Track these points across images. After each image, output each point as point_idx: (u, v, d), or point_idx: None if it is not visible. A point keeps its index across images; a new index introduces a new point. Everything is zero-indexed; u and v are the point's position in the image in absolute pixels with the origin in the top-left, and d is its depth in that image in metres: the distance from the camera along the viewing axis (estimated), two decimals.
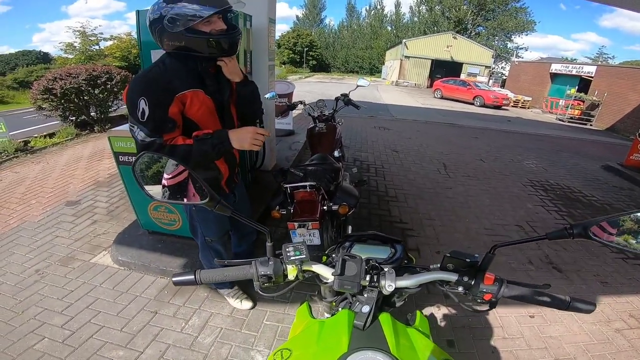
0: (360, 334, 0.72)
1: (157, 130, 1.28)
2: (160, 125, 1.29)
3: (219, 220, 1.79)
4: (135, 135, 1.30)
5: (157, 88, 1.29)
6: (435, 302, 2.33)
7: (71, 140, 6.15)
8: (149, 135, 1.28)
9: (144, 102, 1.25)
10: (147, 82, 1.31)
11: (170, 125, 1.31)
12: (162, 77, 1.32)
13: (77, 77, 6.16)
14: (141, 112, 1.25)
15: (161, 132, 1.29)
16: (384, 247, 0.98)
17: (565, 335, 2.15)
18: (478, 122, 11.01)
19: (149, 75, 1.34)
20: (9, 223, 3.13)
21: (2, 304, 2.16)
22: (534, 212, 3.99)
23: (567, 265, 2.93)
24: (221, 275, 0.83)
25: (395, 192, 4.20)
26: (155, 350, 1.87)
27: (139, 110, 1.25)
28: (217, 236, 1.85)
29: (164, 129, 1.30)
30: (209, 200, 0.81)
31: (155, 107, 1.26)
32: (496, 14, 37.79)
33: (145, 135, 1.28)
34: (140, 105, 1.25)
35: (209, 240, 1.86)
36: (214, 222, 1.78)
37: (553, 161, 6.54)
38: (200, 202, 0.82)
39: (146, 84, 1.31)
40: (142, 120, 1.26)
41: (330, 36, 57.12)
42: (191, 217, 1.82)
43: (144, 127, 1.27)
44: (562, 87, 17.19)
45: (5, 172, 4.49)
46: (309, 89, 16.91)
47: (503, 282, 0.78)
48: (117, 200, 3.63)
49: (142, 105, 1.25)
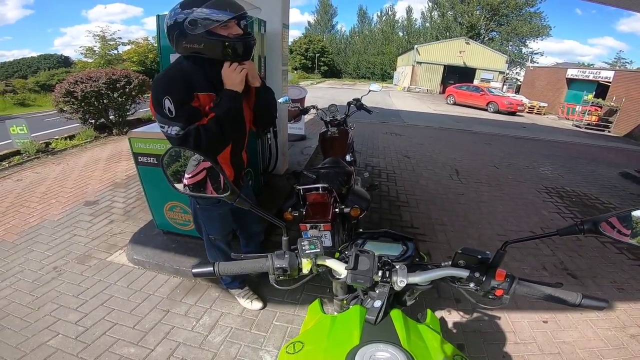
0: (372, 328, 0.74)
1: (189, 122, 1.35)
2: (191, 117, 1.36)
3: (222, 220, 1.84)
4: (169, 133, 1.36)
5: (178, 85, 1.36)
6: (447, 307, 2.31)
7: (90, 143, 6.34)
8: (182, 127, 1.34)
9: (169, 100, 1.32)
10: (168, 82, 1.38)
11: (199, 115, 1.39)
12: (181, 76, 1.39)
13: (97, 80, 6.37)
14: (167, 110, 1.32)
15: (193, 121, 1.36)
16: (396, 244, 0.99)
17: (579, 340, 2.11)
18: (492, 129, 10.89)
19: (169, 75, 1.41)
20: (29, 221, 3.24)
21: (19, 300, 2.22)
22: (549, 219, 3.92)
23: (582, 271, 2.87)
24: (239, 268, 0.85)
25: (407, 198, 4.18)
26: (166, 348, 1.90)
27: (165, 109, 1.32)
28: (221, 234, 1.91)
29: (195, 119, 1.37)
30: (229, 194, 0.84)
31: (179, 103, 1.34)
32: (510, 19, 37.35)
33: (179, 128, 1.34)
34: (165, 105, 1.32)
35: (213, 238, 1.92)
36: (217, 220, 1.83)
37: (569, 168, 6.42)
38: (222, 195, 0.85)
39: (167, 83, 1.37)
40: (171, 116, 1.33)
41: (341, 42, 57.45)
42: (195, 215, 1.88)
43: (176, 123, 1.34)
44: (579, 93, 16.84)
45: (26, 172, 4.65)
46: (320, 95, 17.01)
47: (515, 278, 0.78)
48: (134, 200, 3.72)
49: (167, 104, 1.32)
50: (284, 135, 4.23)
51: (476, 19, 37.58)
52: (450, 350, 0.77)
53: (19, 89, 20.03)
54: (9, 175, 4.48)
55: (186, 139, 1.35)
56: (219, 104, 1.41)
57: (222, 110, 1.40)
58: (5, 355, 1.80)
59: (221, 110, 1.40)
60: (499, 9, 36.27)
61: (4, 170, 4.65)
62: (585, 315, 2.30)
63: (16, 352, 1.82)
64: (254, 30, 2.97)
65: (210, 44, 1.36)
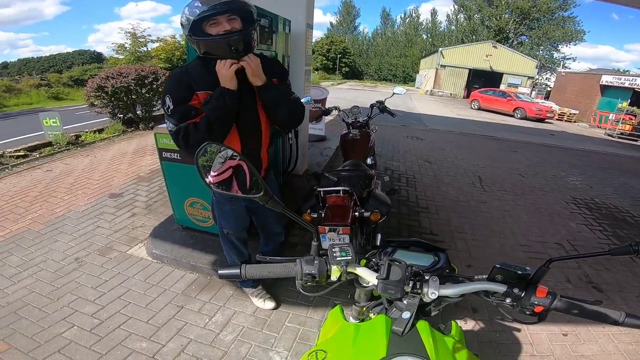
0: (399, 339, 0.71)
1: (182, 120, 1.43)
2: (184, 115, 1.43)
3: (235, 216, 1.85)
4: (168, 127, 1.47)
5: (178, 86, 1.45)
6: (463, 316, 2.25)
7: (118, 136, 6.56)
8: (175, 124, 1.43)
9: (169, 99, 1.43)
10: (170, 82, 1.50)
11: (193, 113, 1.43)
12: (181, 77, 1.46)
13: (127, 76, 6.59)
14: (167, 107, 1.44)
15: (186, 120, 1.42)
16: (427, 254, 0.97)
17: (599, 355, 2.02)
18: (518, 135, 10.53)
19: (171, 76, 1.53)
20: (56, 211, 3.36)
21: (39, 290, 2.28)
22: (576, 231, 3.74)
23: (608, 285, 2.75)
24: (266, 271, 0.84)
25: (427, 204, 4.09)
26: (177, 344, 1.91)
27: (166, 105, 1.44)
28: (233, 229, 1.92)
29: (188, 117, 1.43)
30: (262, 195, 0.82)
31: (178, 102, 1.42)
32: (541, 22, 36.00)
33: (173, 125, 1.44)
34: (166, 102, 1.43)
35: (226, 232, 1.94)
36: (230, 215, 1.85)
37: (599, 179, 6.11)
38: (255, 196, 0.83)
39: (169, 83, 1.49)
40: (169, 113, 1.44)
41: (363, 43, 57.15)
42: (213, 208, 1.92)
43: (172, 119, 1.44)
44: (613, 100, 16.07)
45: (56, 162, 4.85)
46: (341, 96, 16.97)
47: (556, 295, 0.76)
48: (156, 195, 3.80)
49: (167, 102, 1.43)
50: (304, 136, 4.22)
51: (504, 22, 36.45)
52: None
53: (53, 83, 21.00)
54: (39, 166, 4.68)
55: (177, 135, 1.43)
56: (208, 102, 1.43)
57: (208, 108, 1.42)
58: (20, 346, 1.83)
59: (208, 108, 1.42)
60: (529, 12, 35.03)
61: (35, 161, 4.87)
62: (607, 329, 2.20)
63: (31, 343, 1.86)
64: (278, 29, 2.98)
65: (197, 44, 1.40)
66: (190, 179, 2.51)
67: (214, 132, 1.43)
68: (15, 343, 1.85)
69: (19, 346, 1.83)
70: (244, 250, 2.04)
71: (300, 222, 0.87)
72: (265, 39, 2.71)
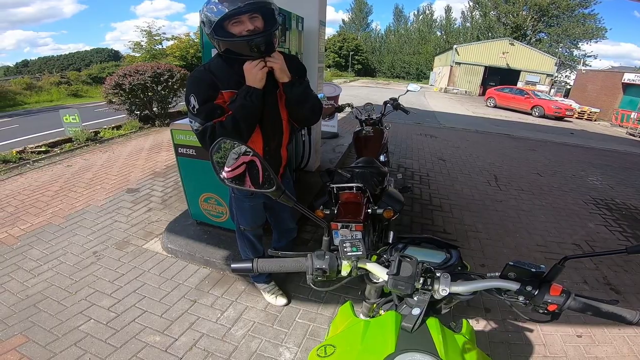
0: (408, 336, 0.71)
1: (207, 119, 1.42)
2: (210, 114, 1.43)
3: (253, 212, 1.87)
4: (193, 127, 1.46)
5: (202, 85, 1.44)
6: (475, 315, 2.22)
7: (135, 133, 6.71)
8: (201, 124, 1.42)
9: (194, 98, 1.42)
10: (195, 81, 1.46)
11: (219, 112, 1.44)
12: (205, 76, 1.45)
13: (144, 74, 6.72)
14: (192, 106, 1.43)
15: (212, 119, 1.42)
16: (439, 251, 0.96)
17: (613, 356, 1.97)
18: (536, 134, 10.26)
19: (195, 75, 1.48)
20: (75, 206, 3.46)
21: (58, 283, 2.34)
22: (595, 232, 3.63)
23: (626, 287, 2.67)
24: (277, 266, 0.85)
25: (440, 202, 4.04)
26: (189, 338, 1.94)
27: (191, 105, 1.43)
28: (250, 226, 1.93)
29: (213, 116, 1.43)
30: (275, 190, 0.83)
31: (203, 101, 1.42)
32: (560, 20, 34.94)
33: (199, 125, 1.43)
34: (191, 101, 1.43)
35: (242, 228, 1.95)
36: (248, 212, 1.86)
37: (621, 179, 5.91)
38: (267, 191, 0.84)
39: (193, 82, 1.46)
40: (194, 113, 1.43)
41: (376, 41, 56.75)
42: (231, 204, 1.94)
43: (197, 118, 1.43)
44: (636, 99, 15.53)
45: (76, 158, 5.00)
46: (354, 93, 16.88)
47: (570, 294, 0.74)
48: (171, 190, 3.87)
49: (192, 101, 1.42)
50: (317, 132, 4.22)
51: (522, 19, 35.51)
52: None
53: (73, 80, 21.55)
54: (60, 161, 4.83)
55: (204, 134, 1.43)
56: (234, 101, 1.43)
57: (235, 106, 1.42)
58: (37, 339, 1.89)
59: (234, 106, 1.42)
60: (548, 9, 34.01)
61: (56, 156, 5.03)
62: (622, 331, 2.14)
63: (48, 336, 1.91)
64: (292, 26, 2.98)
65: (223, 44, 1.38)
66: (205, 175, 2.54)
67: (241, 130, 1.44)
68: (34, 336, 1.90)
69: (37, 339, 1.88)
70: (259, 246, 2.06)
71: (311, 217, 0.87)
72: (278, 36, 2.71)
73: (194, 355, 1.84)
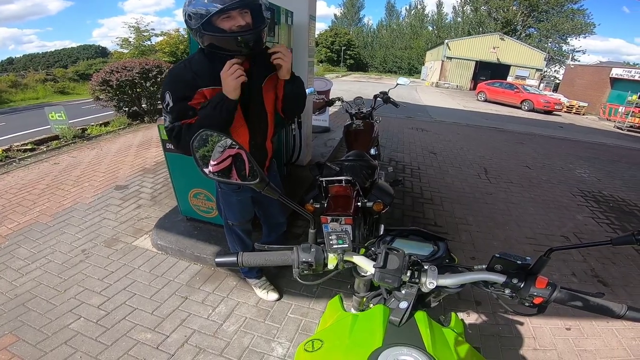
0: (396, 330, 0.71)
1: (178, 118, 1.40)
2: (182, 114, 1.40)
3: (241, 207, 1.85)
4: (165, 123, 1.44)
5: (179, 83, 1.40)
6: (466, 308, 2.24)
7: (123, 129, 6.59)
8: (171, 122, 1.40)
9: (169, 95, 1.39)
10: (172, 78, 1.43)
11: (190, 113, 1.40)
12: (184, 74, 1.41)
13: (132, 70, 6.60)
14: (166, 103, 1.40)
15: (182, 119, 1.40)
16: (426, 244, 0.95)
17: (602, 349, 2.01)
18: (525, 127, 10.38)
19: (174, 72, 1.46)
20: (63, 204, 3.39)
21: (47, 282, 2.30)
22: (583, 224, 3.70)
23: (614, 279, 2.72)
24: (263, 259, 0.83)
25: (431, 195, 4.07)
26: (181, 335, 1.92)
27: (165, 101, 1.40)
28: (238, 221, 1.92)
29: (185, 116, 1.40)
30: (258, 182, 0.81)
31: (177, 99, 1.38)
32: (550, 15, 35.23)
33: (169, 122, 1.41)
34: (166, 98, 1.39)
35: (231, 224, 1.94)
36: (236, 206, 1.84)
37: (608, 171, 6.02)
38: (250, 183, 0.82)
39: (171, 79, 1.43)
40: (167, 110, 1.41)
41: (368, 35, 56.66)
42: (217, 199, 1.91)
43: (169, 115, 1.41)
44: (623, 94, 15.74)
45: (63, 156, 4.90)
46: (346, 88, 16.83)
47: (556, 286, 0.74)
48: (161, 186, 3.83)
49: (167, 98, 1.39)
50: (308, 127, 4.20)
51: (512, 14, 35.72)
52: (476, 357, 0.73)
53: (59, 77, 21.14)
54: (47, 159, 4.73)
55: (171, 133, 1.42)
56: (204, 107, 1.39)
57: (203, 113, 1.38)
58: (28, 338, 1.86)
59: (202, 113, 1.38)
60: (538, 4, 34.26)
61: (42, 154, 4.92)
62: (611, 324, 2.18)
63: (38, 335, 1.88)
64: (281, 21, 2.95)
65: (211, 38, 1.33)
66: (194, 170, 2.48)
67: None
68: (24, 335, 1.88)
69: (27, 338, 1.86)
70: (248, 241, 2.05)
71: (297, 209, 0.85)
72: (267, 31, 2.69)
73: (186, 352, 1.83)
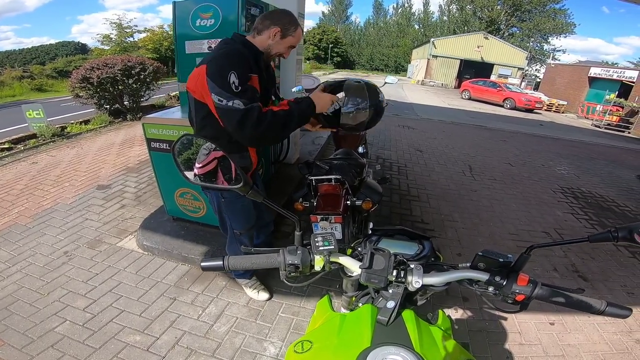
0: (384, 329, 0.71)
1: (252, 99, 1.34)
2: (252, 94, 1.37)
3: (245, 212, 1.82)
4: (232, 106, 1.32)
5: (244, 65, 1.39)
6: (454, 305, 2.28)
7: (105, 127, 6.42)
8: (245, 103, 1.32)
9: (234, 75, 1.32)
10: (236, 59, 1.38)
11: (257, 95, 1.41)
12: (243, 55, 1.42)
13: (113, 67, 6.42)
14: (233, 84, 1.32)
15: (253, 100, 1.35)
16: (412, 243, 0.96)
17: (585, 344, 2.08)
18: (508, 125, 10.64)
19: (233, 53, 1.41)
20: (43, 204, 3.29)
21: (29, 285, 2.24)
22: (563, 220, 3.82)
23: (594, 274, 2.81)
24: (249, 262, 0.82)
25: (418, 192, 4.12)
26: (171, 337, 1.90)
27: (231, 83, 1.31)
28: (244, 228, 1.88)
29: (254, 97, 1.37)
30: (242, 185, 0.80)
31: (243, 80, 1.34)
32: (532, 14, 36.14)
33: (242, 103, 1.32)
34: (231, 79, 1.31)
35: (238, 233, 1.89)
36: (242, 212, 1.80)
37: (586, 168, 6.23)
38: (235, 187, 0.81)
39: (235, 60, 1.37)
40: (237, 91, 1.32)
41: (355, 33, 56.82)
42: (219, 210, 1.85)
43: (240, 97, 1.32)
44: (601, 92, 16.33)
45: (42, 155, 4.74)
46: None
47: (537, 283, 0.75)
48: (145, 185, 3.75)
49: (232, 79, 1.31)
50: None
51: (497, 13, 36.46)
52: (463, 354, 0.74)
53: (36, 74, 20.40)
54: (24, 158, 4.57)
55: (247, 114, 1.32)
56: (299, 102, 1.45)
57: (298, 109, 1.43)
58: (13, 342, 1.81)
59: (297, 109, 1.43)
60: (521, 4, 35.05)
61: (19, 153, 4.74)
62: (592, 319, 2.26)
63: (24, 339, 1.83)
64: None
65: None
66: None
67: (289, 129, 1.45)
68: (9, 339, 1.82)
69: (12, 342, 1.80)
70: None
71: (281, 212, 0.85)
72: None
73: (177, 353, 1.80)
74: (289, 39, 1.51)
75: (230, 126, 1.35)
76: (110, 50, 24.69)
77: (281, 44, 1.51)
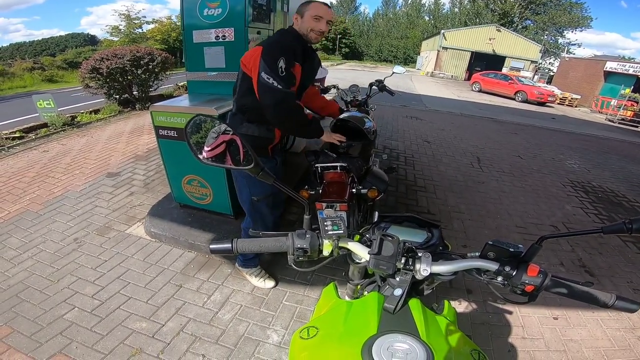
0: (390, 317, 0.71)
1: (289, 85, 1.59)
2: (291, 80, 1.61)
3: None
4: (275, 85, 1.54)
5: (290, 52, 1.60)
6: (458, 297, 2.27)
7: (114, 117, 6.49)
8: (285, 87, 1.55)
9: (283, 61, 1.55)
10: (285, 47, 1.61)
11: (294, 81, 1.64)
12: (292, 45, 1.64)
13: (122, 57, 6.46)
14: (280, 68, 1.54)
15: (290, 86, 1.60)
16: (421, 231, 0.95)
17: (587, 339, 2.06)
18: (519, 118, 10.45)
19: (286, 43, 1.64)
20: (54, 192, 3.34)
21: (39, 272, 2.27)
22: (572, 214, 3.76)
23: (600, 269, 2.77)
24: (257, 245, 0.82)
25: (425, 183, 4.10)
26: (176, 324, 1.92)
27: (279, 66, 1.54)
28: (264, 194, 1.87)
29: (292, 83, 1.62)
30: (253, 167, 0.80)
31: (288, 66, 1.57)
32: (547, 7, 35.16)
33: (283, 86, 1.55)
34: (280, 63, 1.54)
35: (256, 199, 1.88)
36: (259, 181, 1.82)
37: (598, 163, 6.11)
38: (245, 167, 0.81)
39: (284, 47, 1.60)
40: (282, 74, 1.55)
41: (364, 24, 56.12)
42: (236, 179, 1.91)
43: (282, 80, 1.55)
44: (616, 87, 15.89)
45: (53, 143, 4.82)
46: (341, 76, 16.71)
47: (547, 275, 0.74)
48: (154, 173, 3.79)
49: (281, 64, 1.54)
50: None
51: (510, 6, 35.54)
52: (469, 345, 0.74)
53: (47, 66, 20.62)
54: (36, 147, 4.65)
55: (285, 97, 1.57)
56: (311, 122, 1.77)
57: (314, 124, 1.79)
58: (22, 329, 1.84)
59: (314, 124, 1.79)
60: None
61: (31, 142, 4.82)
62: (597, 314, 2.23)
63: (33, 326, 1.86)
64: (276, 8, 2.90)
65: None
66: (188, 157, 2.48)
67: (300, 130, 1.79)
68: (18, 327, 1.85)
69: (21, 329, 1.83)
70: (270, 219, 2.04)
71: (291, 194, 0.84)
72: (262, 17, 2.64)
73: (182, 340, 1.83)
74: (306, 15, 1.68)
75: (266, 100, 1.57)
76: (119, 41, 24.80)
77: (304, 22, 1.68)
